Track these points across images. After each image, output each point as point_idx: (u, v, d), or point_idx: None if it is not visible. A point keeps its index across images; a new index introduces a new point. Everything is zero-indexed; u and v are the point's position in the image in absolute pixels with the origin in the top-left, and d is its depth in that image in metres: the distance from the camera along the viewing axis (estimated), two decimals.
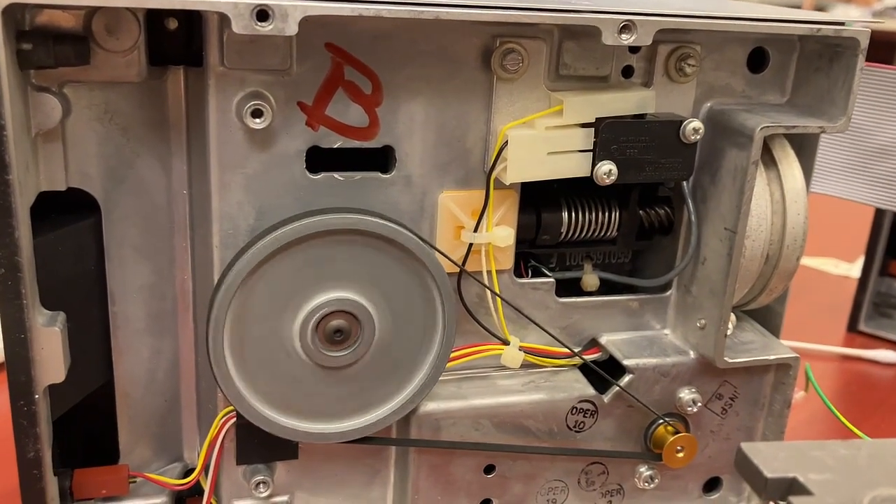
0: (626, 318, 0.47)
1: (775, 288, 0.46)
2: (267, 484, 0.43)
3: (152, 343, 0.42)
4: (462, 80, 0.39)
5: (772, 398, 0.48)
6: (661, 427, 0.46)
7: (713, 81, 0.44)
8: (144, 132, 0.39)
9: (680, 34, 0.41)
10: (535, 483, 0.46)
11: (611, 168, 0.40)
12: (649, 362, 0.45)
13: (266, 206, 0.39)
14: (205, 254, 0.40)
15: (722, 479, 0.50)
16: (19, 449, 0.36)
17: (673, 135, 0.41)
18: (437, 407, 0.43)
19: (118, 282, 0.40)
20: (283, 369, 0.40)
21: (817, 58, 0.44)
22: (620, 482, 0.48)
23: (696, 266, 0.45)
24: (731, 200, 0.42)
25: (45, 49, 0.33)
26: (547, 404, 0.44)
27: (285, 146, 0.38)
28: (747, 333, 0.48)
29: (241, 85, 0.37)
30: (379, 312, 0.40)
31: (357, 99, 0.38)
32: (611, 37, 0.38)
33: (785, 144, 0.44)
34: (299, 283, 0.39)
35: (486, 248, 0.42)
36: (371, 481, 0.45)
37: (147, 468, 0.44)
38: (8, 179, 0.32)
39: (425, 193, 0.41)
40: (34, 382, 0.35)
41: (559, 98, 0.40)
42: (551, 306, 0.45)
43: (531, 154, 0.40)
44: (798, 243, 0.44)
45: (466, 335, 0.43)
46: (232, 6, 0.33)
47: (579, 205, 0.44)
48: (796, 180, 0.44)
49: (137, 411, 0.43)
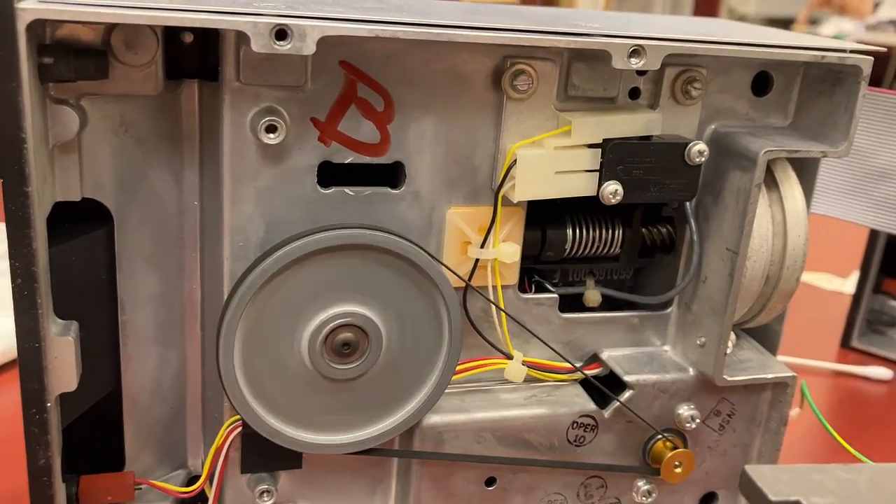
0: (627, 335, 0.48)
1: (774, 307, 0.47)
2: (271, 493, 0.43)
3: (160, 352, 0.43)
4: (472, 99, 0.40)
5: (769, 416, 0.49)
6: (659, 442, 0.47)
7: (718, 104, 0.44)
8: (158, 144, 0.39)
9: (687, 58, 0.42)
10: (534, 496, 0.47)
11: (617, 188, 0.41)
12: (649, 378, 0.46)
13: (277, 220, 0.39)
14: (215, 265, 0.40)
15: (718, 494, 0.51)
16: (30, 456, 0.36)
17: (678, 156, 0.42)
18: (440, 420, 0.43)
19: (128, 291, 0.41)
20: (291, 381, 0.40)
21: (820, 82, 0.45)
22: (619, 496, 0.48)
23: (698, 285, 0.46)
24: (733, 221, 0.43)
25: (66, 63, 0.33)
26: (548, 418, 0.45)
27: (297, 161, 0.39)
28: (746, 352, 0.49)
29: (255, 100, 0.37)
30: (386, 326, 0.40)
31: (369, 116, 0.39)
32: (620, 61, 0.38)
33: (787, 167, 0.45)
34: (309, 296, 0.39)
35: (492, 264, 0.43)
36: (373, 492, 0.46)
37: (152, 475, 0.44)
38: (27, 191, 0.32)
39: (433, 209, 0.41)
40: (47, 391, 0.35)
41: (567, 119, 0.40)
42: (554, 321, 0.46)
43: (539, 173, 0.40)
44: (798, 264, 0.45)
45: (471, 349, 0.44)
46: (252, 25, 0.33)
47: (583, 222, 0.45)
48: (797, 202, 0.45)
49: (143, 419, 0.43)
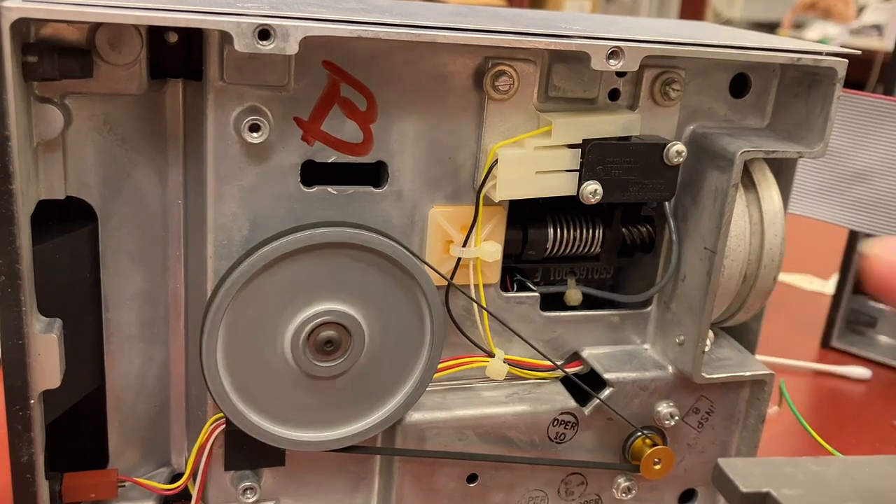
0: (607, 333, 0.48)
1: (752, 306, 0.47)
2: (254, 490, 0.43)
3: (144, 349, 0.43)
4: (454, 100, 0.41)
5: (747, 413, 0.49)
6: (639, 439, 0.48)
7: (696, 105, 0.45)
8: (142, 143, 0.39)
9: (665, 60, 0.43)
10: (515, 492, 0.47)
11: (596, 188, 0.42)
12: (629, 376, 0.46)
13: (260, 218, 0.39)
14: (198, 263, 0.40)
15: (697, 491, 0.51)
16: (13, 453, 0.36)
17: (657, 157, 0.42)
18: (422, 417, 0.44)
19: (112, 289, 0.41)
20: (274, 379, 0.40)
21: (797, 84, 0.45)
22: (599, 493, 0.49)
23: (676, 283, 0.46)
24: (711, 221, 0.44)
25: (50, 62, 0.34)
26: (529, 416, 0.45)
27: (281, 160, 0.39)
28: (724, 350, 0.49)
29: (239, 100, 0.37)
30: (369, 324, 0.41)
31: (352, 115, 0.39)
32: (599, 62, 0.39)
33: (764, 168, 0.46)
34: (292, 294, 0.39)
35: (474, 263, 0.43)
36: (356, 489, 0.46)
37: (135, 472, 0.44)
38: (11, 189, 0.32)
39: (416, 208, 0.42)
40: (30, 388, 0.36)
41: (548, 119, 0.41)
42: (536, 320, 0.46)
43: (520, 172, 0.41)
44: (775, 263, 0.46)
45: (453, 347, 0.44)
46: (234, 25, 0.34)
47: (564, 222, 0.45)
48: (774, 202, 0.45)
49: (127, 416, 0.44)
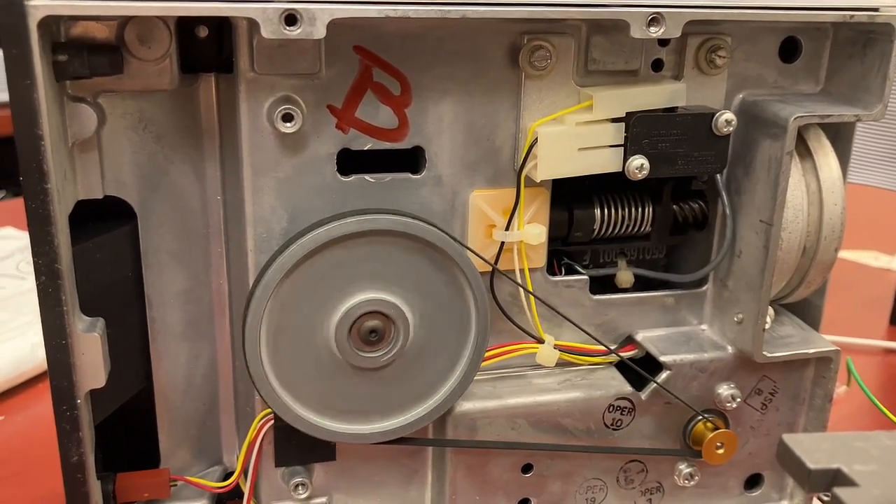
0: (661, 315, 0.47)
1: (813, 280, 0.45)
2: (306, 486, 0.43)
3: (190, 347, 0.43)
4: (490, 79, 0.39)
5: (812, 392, 0.47)
6: (699, 423, 0.46)
7: (745, 72, 0.43)
8: (177, 139, 0.39)
9: (710, 25, 0.41)
10: (573, 482, 0.46)
11: (643, 163, 0.40)
12: (686, 358, 0.45)
13: (298, 210, 0.39)
14: (239, 258, 0.40)
15: (763, 475, 0.49)
16: (63, 453, 0.36)
17: (705, 127, 0.41)
18: (472, 406, 0.43)
19: (155, 287, 0.41)
20: (319, 370, 0.40)
21: (851, 45, 0.43)
22: (660, 480, 0.47)
23: (732, 260, 0.44)
24: (765, 192, 0.42)
25: (80, 60, 0.34)
26: (583, 402, 0.44)
27: (316, 149, 0.38)
28: (786, 327, 0.47)
29: (271, 90, 0.37)
30: (413, 312, 0.40)
31: (386, 100, 0.38)
32: (639, 30, 0.37)
33: (820, 134, 0.44)
34: (333, 284, 0.39)
35: (518, 247, 0.42)
36: (409, 482, 0.45)
37: (187, 471, 0.44)
38: (47, 188, 0.32)
39: (456, 193, 0.41)
40: (76, 387, 0.36)
41: (588, 93, 0.40)
42: (585, 304, 0.45)
43: (561, 150, 0.39)
44: (836, 234, 0.43)
45: (501, 334, 0.43)
46: (260, 11, 0.33)
47: (612, 201, 0.44)
48: (832, 170, 0.43)
49: (177, 415, 0.44)
